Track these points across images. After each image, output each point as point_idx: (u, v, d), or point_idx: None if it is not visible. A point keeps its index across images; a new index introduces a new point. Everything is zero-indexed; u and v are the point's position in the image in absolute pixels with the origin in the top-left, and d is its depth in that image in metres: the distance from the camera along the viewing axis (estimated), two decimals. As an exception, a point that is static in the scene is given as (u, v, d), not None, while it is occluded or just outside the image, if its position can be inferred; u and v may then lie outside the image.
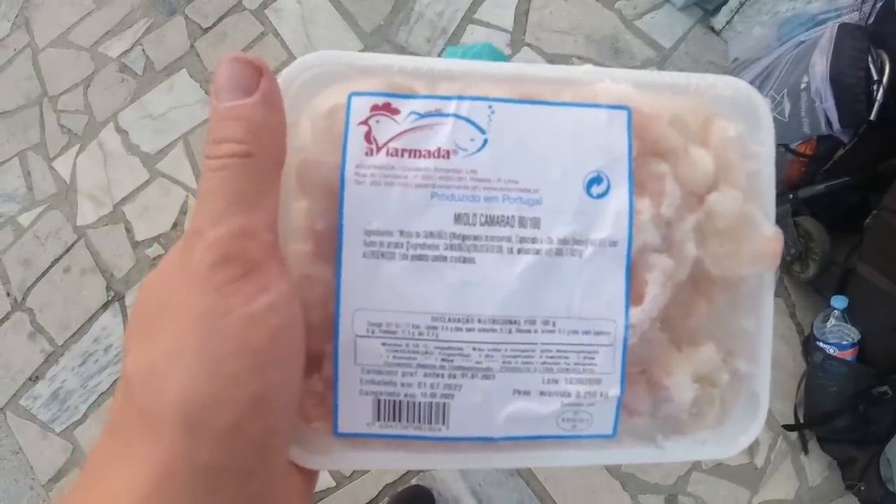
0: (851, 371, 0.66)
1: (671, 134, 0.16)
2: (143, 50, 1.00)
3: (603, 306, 0.15)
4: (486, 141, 0.15)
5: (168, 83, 0.99)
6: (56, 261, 0.93)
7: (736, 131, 0.16)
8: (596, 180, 0.15)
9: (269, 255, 0.13)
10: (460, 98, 0.15)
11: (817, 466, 0.74)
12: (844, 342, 0.67)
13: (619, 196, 0.15)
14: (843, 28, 0.63)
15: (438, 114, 0.15)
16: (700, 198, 0.16)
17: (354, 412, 0.15)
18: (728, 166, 0.16)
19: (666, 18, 0.91)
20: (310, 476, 0.16)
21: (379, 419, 0.15)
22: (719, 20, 0.88)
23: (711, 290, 0.16)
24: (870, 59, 0.61)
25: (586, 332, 0.15)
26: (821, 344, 0.68)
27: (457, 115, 0.15)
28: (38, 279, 0.93)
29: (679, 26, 0.91)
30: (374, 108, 0.15)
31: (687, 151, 0.16)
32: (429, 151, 0.15)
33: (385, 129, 0.15)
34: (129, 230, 0.94)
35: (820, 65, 0.63)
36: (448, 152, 0.15)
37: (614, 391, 0.15)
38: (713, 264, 0.16)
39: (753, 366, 0.17)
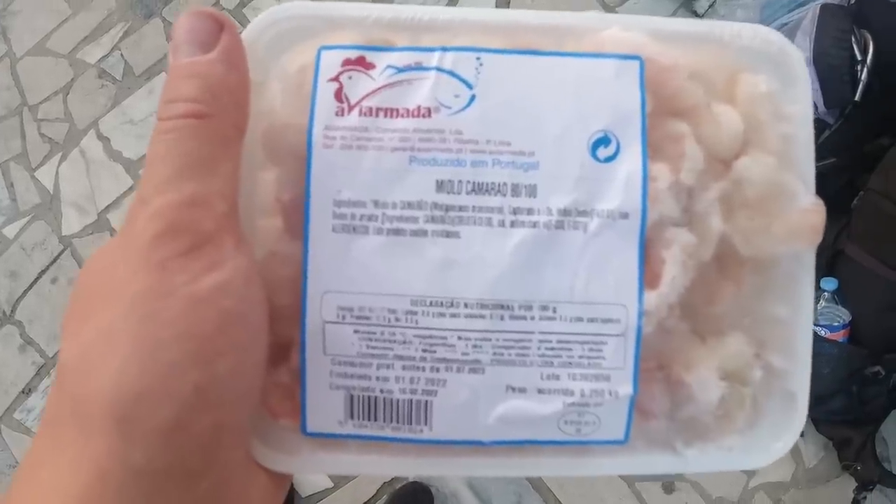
0: (844, 352, 0.66)
1: (692, 89, 0.14)
2: (122, 54, 1.00)
3: (612, 289, 0.13)
4: (473, 97, 0.13)
5: (148, 87, 0.98)
6: (43, 272, 0.93)
7: (767, 87, 0.14)
8: (603, 141, 0.13)
9: (222, 227, 0.12)
10: (444, 49, 0.13)
11: (813, 448, 0.73)
12: (835, 324, 0.67)
13: (631, 160, 0.13)
14: (826, 9, 0.62)
15: (419, 67, 0.13)
16: (726, 163, 0.14)
17: (325, 409, 0.13)
18: (758, 127, 0.14)
19: (648, 4, 0.90)
20: (279, 476, 0.14)
21: (352, 417, 0.13)
22: (702, 4, 0.87)
23: (740, 271, 0.14)
24: (853, 39, 0.60)
25: (592, 320, 0.13)
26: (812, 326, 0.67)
27: (439, 69, 0.13)
28: (26, 291, 0.93)
29: (662, 11, 0.89)
30: (346, 62, 0.13)
31: (710, 109, 0.14)
32: (407, 110, 0.13)
33: (358, 85, 0.13)
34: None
35: (803, 47, 0.62)
36: (429, 110, 0.13)
37: (626, 389, 0.13)
38: (742, 241, 0.14)
39: (789, 361, 0.14)
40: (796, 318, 0.14)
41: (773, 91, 0.14)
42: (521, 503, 0.74)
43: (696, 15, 0.88)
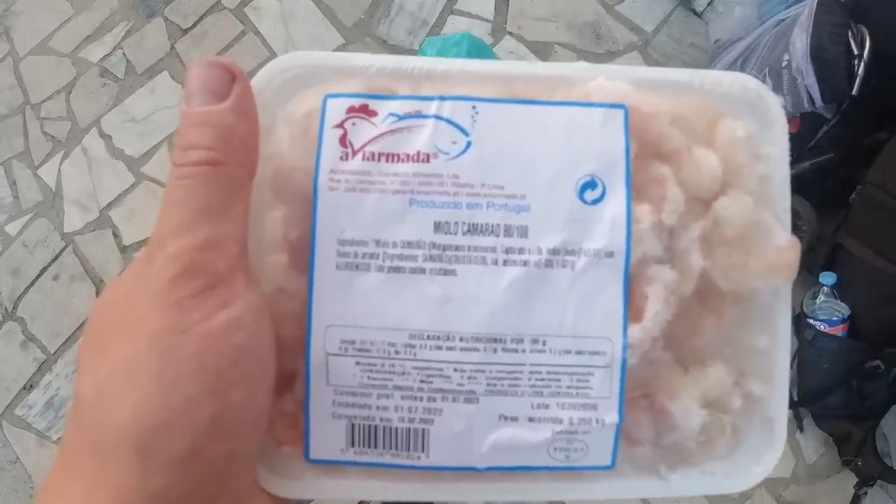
0: (843, 346, 0.66)
1: (673, 134, 0.15)
2: (124, 53, 1.02)
3: (598, 323, 0.14)
4: (469, 143, 0.14)
5: (150, 86, 1.00)
6: (45, 269, 0.94)
7: (745, 131, 0.15)
8: (590, 185, 0.14)
9: (235, 267, 0.12)
10: (442, 98, 0.14)
11: (813, 443, 0.73)
12: (835, 318, 0.67)
13: (616, 202, 0.14)
14: (822, 4, 0.63)
15: (418, 115, 0.14)
16: (706, 204, 0.15)
17: (327, 437, 0.14)
18: (737, 169, 0.15)
19: (647, 2, 0.91)
20: (283, 500, 0.15)
21: (353, 445, 0.14)
22: (700, 2, 0.89)
23: (720, 305, 0.15)
24: (850, 33, 0.61)
25: (580, 352, 0.14)
26: (811, 321, 0.68)
27: (438, 117, 0.14)
28: (28, 288, 0.94)
29: (660, 9, 0.91)
30: (351, 110, 0.14)
31: (691, 153, 0.15)
32: (407, 155, 0.14)
33: (361, 132, 0.14)
34: (116, 235, 0.95)
35: (800, 42, 0.63)
36: (428, 156, 0.14)
37: (612, 418, 0.14)
38: (722, 277, 0.15)
39: (768, 388, 0.15)
40: (775, 347, 0.15)
41: (750, 135, 0.15)
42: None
43: (694, 13, 0.89)
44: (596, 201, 0.14)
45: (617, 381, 0.14)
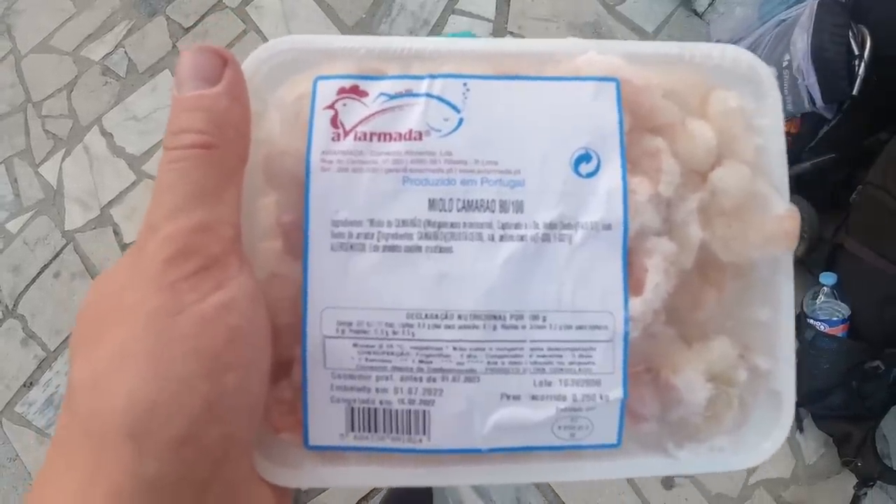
0: (843, 347, 0.66)
1: (666, 107, 0.15)
2: (126, 52, 1.03)
3: (598, 297, 0.14)
4: (461, 120, 0.14)
5: (151, 84, 1.01)
6: (46, 266, 0.95)
7: (737, 102, 0.15)
8: (584, 158, 0.14)
9: (228, 251, 0.12)
10: (432, 77, 0.14)
11: (813, 444, 0.73)
12: (835, 318, 0.68)
13: (611, 174, 0.14)
14: (823, 4, 0.64)
15: (409, 94, 0.14)
16: (703, 175, 0.15)
17: (326, 422, 0.14)
18: (731, 140, 0.15)
19: (648, 2, 0.92)
20: (282, 489, 0.14)
21: (353, 430, 0.14)
22: (701, 2, 0.89)
23: (721, 277, 0.15)
24: (850, 34, 0.62)
25: (581, 327, 0.14)
26: (812, 321, 0.69)
27: (429, 95, 0.14)
28: (29, 285, 0.94)
29: (661, 10, 0.91)
30: (341, 91, 0.14)
31: (685, 125, 0.15)
32: (399, 134, 0.14)
33: (352, 112, 0.14)
34: (117, 233, 0.95)
35: (801, 42, 0.64)
36: (420, 134, 0.14)
37: (616, 393, 0.14)
38: (721, 248, 0.15)
39: (773, 361, 0.15)
40: (777, 320, 0.15)
41: (743, 105, 0.15)
42: (521, 499, 0.74)
43: (695, 13, 0.90)
44: (591, 174, 0.14)
45: (620, 355, 0.14)
